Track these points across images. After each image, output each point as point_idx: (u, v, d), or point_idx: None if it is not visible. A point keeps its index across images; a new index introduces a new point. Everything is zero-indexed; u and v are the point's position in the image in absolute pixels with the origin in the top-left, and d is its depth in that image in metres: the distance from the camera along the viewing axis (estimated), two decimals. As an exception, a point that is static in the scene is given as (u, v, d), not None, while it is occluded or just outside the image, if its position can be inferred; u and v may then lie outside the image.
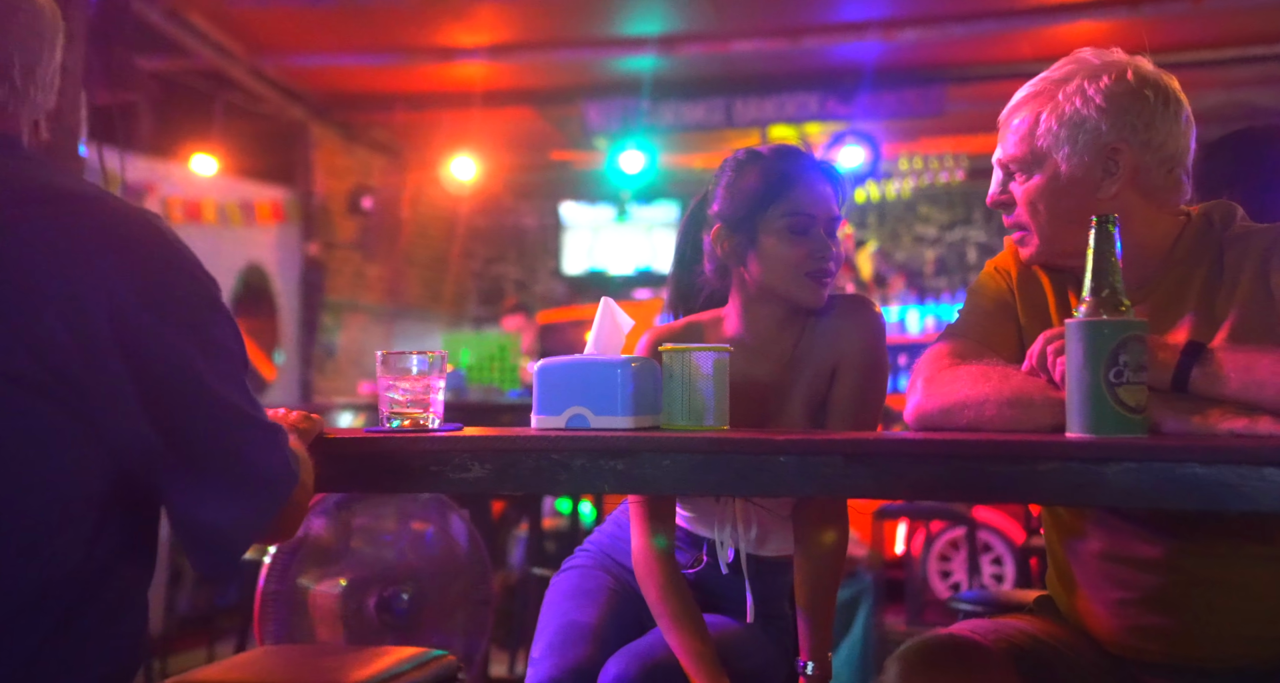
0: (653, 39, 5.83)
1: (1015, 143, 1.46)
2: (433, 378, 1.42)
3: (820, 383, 1.72)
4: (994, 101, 1.60)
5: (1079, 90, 1.42)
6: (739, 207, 1.71)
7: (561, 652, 1.65)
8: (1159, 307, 1.42)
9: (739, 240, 1.71)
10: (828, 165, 1.75)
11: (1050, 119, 1.43)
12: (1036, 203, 1.45)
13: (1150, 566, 1.38)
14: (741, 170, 1.73)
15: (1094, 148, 1.41)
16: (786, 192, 1.68)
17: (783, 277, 1.68)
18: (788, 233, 1.68)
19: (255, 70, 6.19)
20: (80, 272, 1.02)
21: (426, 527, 2.16)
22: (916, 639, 1.36)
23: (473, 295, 9.14)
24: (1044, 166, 1.44)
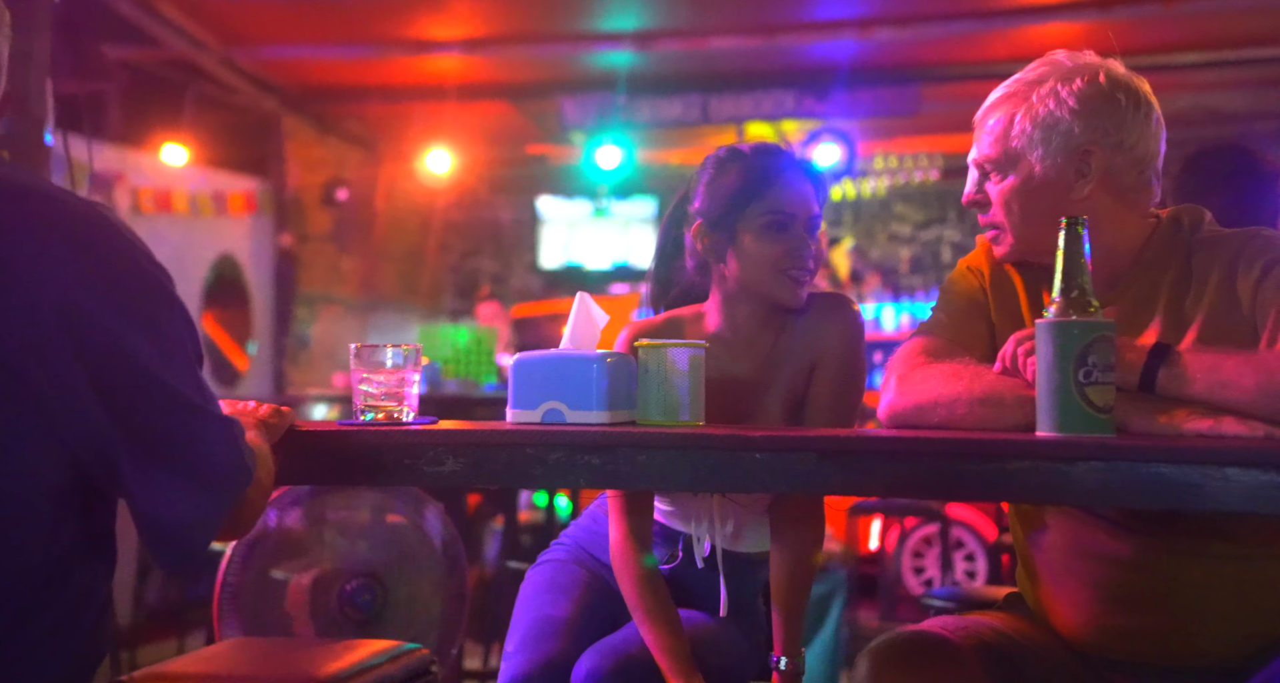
0: (629, 34, 5.83)
1: (990, 143, 1.48)
2: (407, 371, 1.42)
3: (798, 380, 1.73)
4: (969, 101, 1.62)
5: (1052, 92, 1.44)
6: (719, 204, 1.71)
7: (535, 647, 1.66)
8: (1128, 308, 1.44)
9: (719, 238, 1.71)
10: (808, 164, 1.76)
11: (1024, 120, 1.45)
12: (1011, 203, 1.47)
13: (1117, 563, 1.40)
14: (722, 168, 1.74)
15: (1067, 149, 1.43)
16: (766, 190, 1.69)
17: (761, 275, 1.69)
18: (766, 231, 1.68)
19: (228, 61, 6.14)
20: (26, 265, 1.01)
21: (400, 520, 2.16)
22: (887, 636, 1.37)
23: (449, 289, 9.11)
24: (1018, 167, 1.46)
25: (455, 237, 9.05)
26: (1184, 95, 6.11)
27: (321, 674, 1.70)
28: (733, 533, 1.77)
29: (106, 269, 1.05)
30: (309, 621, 2.05)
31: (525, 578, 1.84)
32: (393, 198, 8.09)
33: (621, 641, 1.67)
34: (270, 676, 1.70)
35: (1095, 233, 1.43)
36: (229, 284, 6.68)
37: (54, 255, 1.02)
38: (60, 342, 1.00)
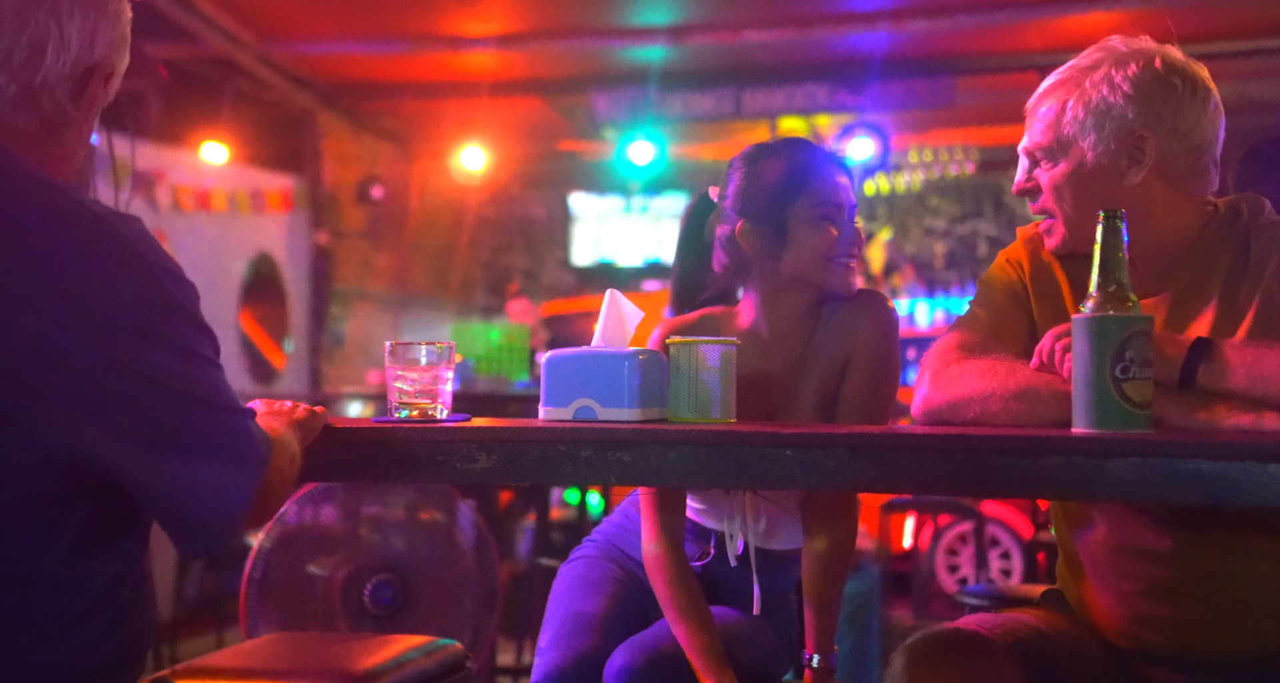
0: (662, 29, 5.82)
1: (1041, 130, 1.46)
2: (441, 368, 1.43)
3: (832, 377, 1.73)
4: (1004, 93, 1.61)
5: (1106, 78, 1.42)
6: (764, 200, 1.71)
7: (568, 642, 1.66)
8: (1181, 296, 1.42)
9: (767, 232, 1.71)
10: (838, 156, 1.78)
11: (1076, 106, 1.43)
12: (1062, 190, 1.45)
13: (1159, 558, 1.39)
14: (757, 165, 1.74)
15: (1120, 135, 1.41)
16: (811, 180, 1.71)
17: (815, 265, 1.70)
18: (819, 221, 1.70)
19: (263, 57, 6.19)
20: (36, 275, 1.02)
21: (433, 517, 2.18)
22: (922, 633, 1.37)
23: (480, 285, 9.15)
24: (1070, 154, 1.44)
25: (487, 233, 9.08)
26: (1226, 84, 6.01)
27: (358, 669, 1.72)
28: (766, 530, 1.77)
29: (113, 283, 1.05)
30: (334, 616, 2.07)
31: (558, 574, 1.85)
32: (426, 194, 8.13)
33: (654, 637, 1.67)
34: (309, 669, 1.72)
35: (1148, 220, 1.42)
36: (266, 281, 6.74)
37: (65, 268, 1.03)
38: (67, 352, 1.01)
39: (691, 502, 1.79)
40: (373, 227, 7.67)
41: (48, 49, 1.11)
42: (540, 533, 3.93)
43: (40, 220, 1.04)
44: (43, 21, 1.10)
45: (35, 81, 1.11)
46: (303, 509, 2.22)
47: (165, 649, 4.02)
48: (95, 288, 1.03)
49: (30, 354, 1.00)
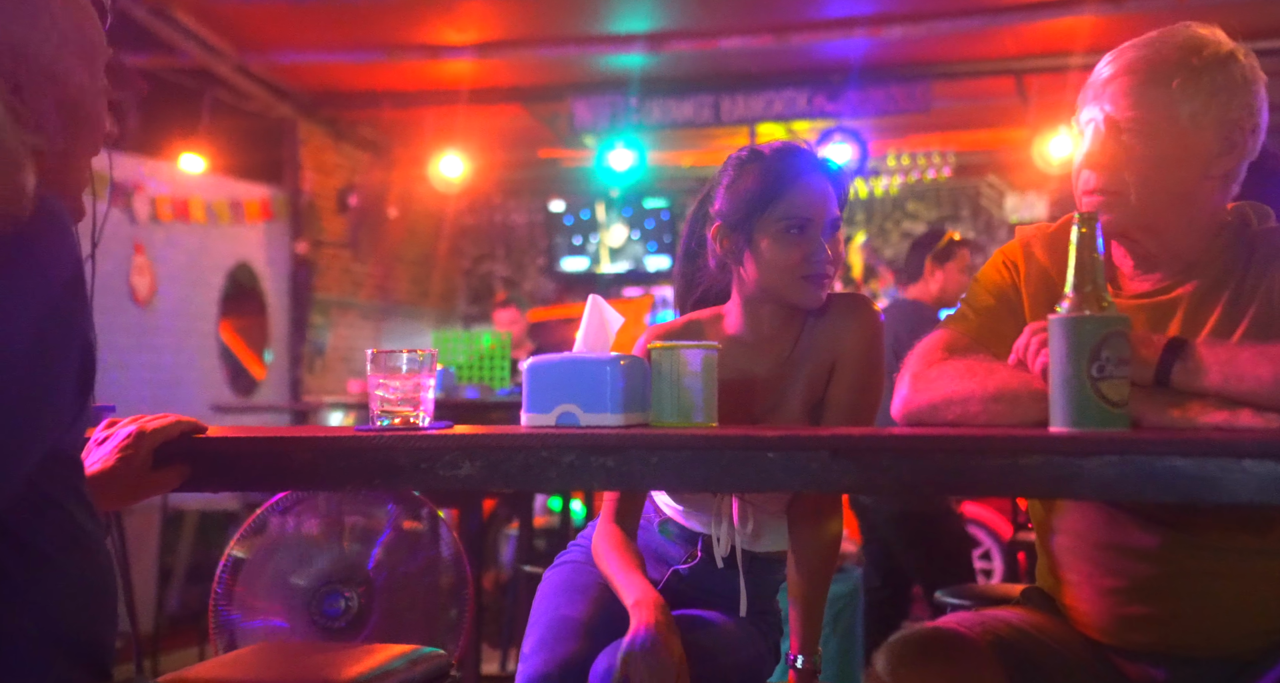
0: (640, 36, 5.83)
1: (1136, 104, 1.40)
2: (422, 376, 1.43)
3: (818, 380, 1.73)
4: (979, 98, 1.61)
5: (1219, 63, 1.39)
6: (738, 207, 1.72)
7: (552, 647, 1.66)
8: (1199, 295, 1.43)
9: (737, 240, 1.72)
10: (827, 164, 1.75)
11: (1188, 86, 1.38)
12: (1147, 171, 1.40)
13: (1140, 555, 1.40)
14: (742, 170, 1.75)
15: (1220, 122, 1.39)
16: (784, 193, 1.69)
17: (779, 278, 1.70)
18: (784, 235, 1.68)
19: (242, 67, 6.17)
20: None
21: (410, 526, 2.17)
22: (903, 633, 1.38)
23: (462, 293, 9.13)
24: (1165, 134, 1.39)
25: (468, 241, 9.07)
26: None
27: (342, 678, 1.72)
28: (752, 533, 1.78)
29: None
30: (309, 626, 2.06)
31: (543, 579, 1.85)
32: (406, 203, 8.11)
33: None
34: (292, 680, 1.71)
35: (1198, 216, 1.42)
36: (246, 292, 6.70)
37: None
38: None
39: (677, 504, 1.80)
40: (353, 236, 7.65)
41: (85, 103, 1.17)
42: (524, 540, 3.92)
43: None
44: (61, 42, 1.15)
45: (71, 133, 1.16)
46: (284, 520, 2.21)
47: (148, 663, 3.99)
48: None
49: None
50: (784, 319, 1.75)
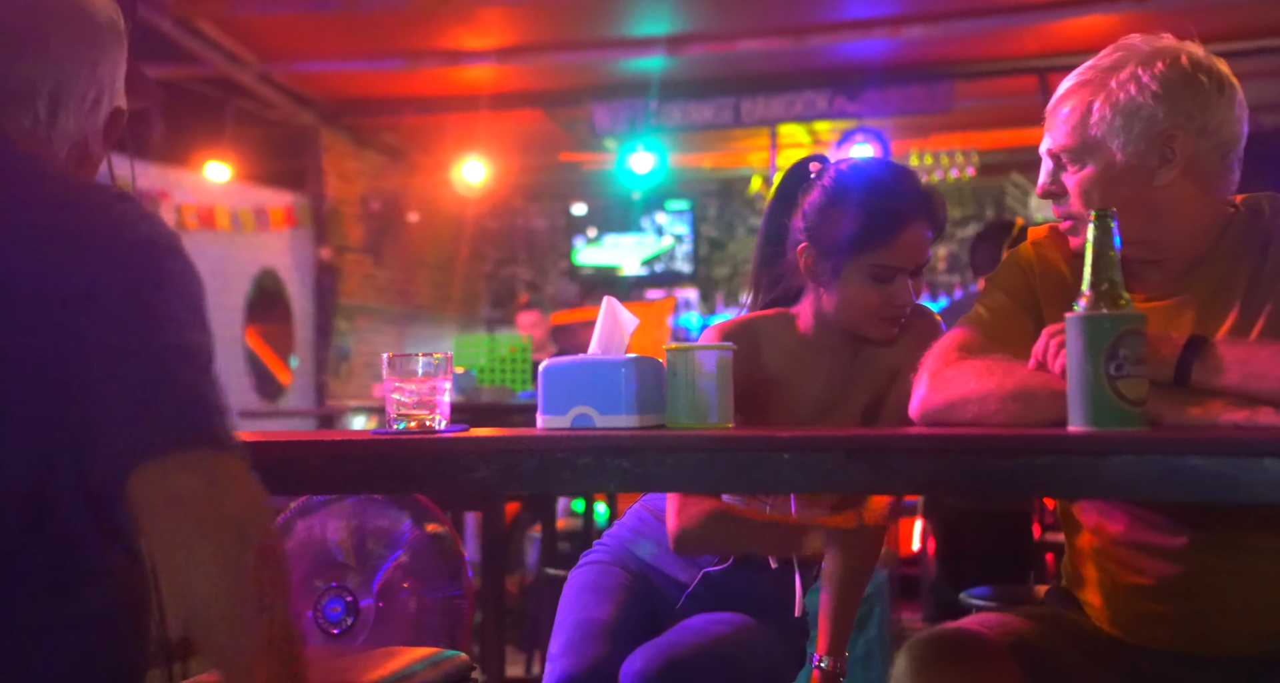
0: (660, 39, 5.84)
1: (1066, 132, 1.44)
2: (438, 379, 1.43)
3: (879, 386, 1.76)
4: (1002, 97, 1.60)
5: (1133, 77, 1.40)
6: (829, 238, 1.68)
7: (580, 649, 1.66)
8: (1206, 296, 1.42)
9: (823, 268, 1.70)
10: (932, 208, 1.69)
11: (1104, 107, 1.41)
12: (1090, 192, 1.43)
13: (1165, 554, 1.39)
14: (840, 191, 1.69)
15: (1149, 135, 1.39)
16: (881, 242, 1.66)
17: (856, 315, 1.69)
18: (872, 280, 1.67)
19: (265, 77, 6.22)
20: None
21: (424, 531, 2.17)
22: (924, 633, 1.37)
23: (484, 297, 9.16)
24: (1097, 156, 1.42)
25: (490, 245, 9.10)
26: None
27: (364, 681, 1.72)
28: None
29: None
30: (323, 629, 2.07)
31: (568, 579, 1.85)
32: (428, 208, 8.15)
33: (668, 643, 1.67)
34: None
35: (1176, 220, 1.42)
36: (271, 298, 6.75)
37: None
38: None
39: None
40: (375, 242, 7.69)
41: (104, 98, 1.18)
42: (547, 544, 3.93)
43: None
44: (103, 72, 1.17)
45: (90, 128, 1.18)
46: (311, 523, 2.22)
47: (177, 667, 4.02)
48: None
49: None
50: (850, 344, 1.76)
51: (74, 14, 1.15)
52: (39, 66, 1.12)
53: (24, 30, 1.11)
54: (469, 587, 2.15)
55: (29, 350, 1.02)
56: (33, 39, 1.12)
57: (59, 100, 1.13)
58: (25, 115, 1.12)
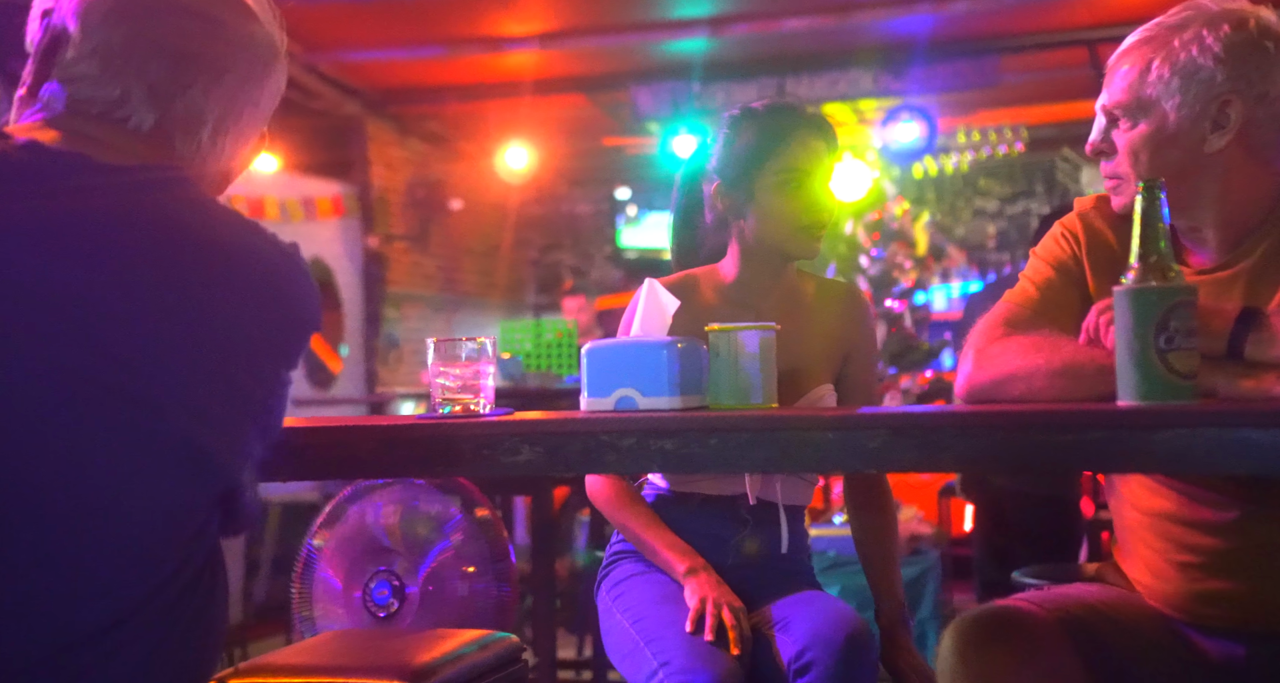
0: (702, 20, 5.80)
1: (1122, 89, 1.42)
2: (482, 364, 1.44)
3: (833, 359, 1.85)
4: (1051, 70, 1.59)
5: (1196, 37, 1.37)
6: (735, 164, 1.79)
7: (709, 661, 1.60)
8: (1259, 267, 1.39)
9: (736, 196, 1.79)
10: (819, 118, 1.83)
11: (1162, 66, 1.38)
12: (1139, 152, 1.41)
13: (1218, 529, 1.37)
14: (736, 128, 1.81)
15: (1205, 99, 1.37)
16: (779, 148, 1.76)
17: (777, 230, 1.78)
18: (782, 188, 1.76)
19: (311, 67, 6.28)
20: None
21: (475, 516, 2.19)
22: (971, 611, 1.36)
23: (530, 283, 9.19)
24: (1150, 115, 1.40)
25: (535, 231, 9.13)
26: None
27: (416, 663, 1.75)
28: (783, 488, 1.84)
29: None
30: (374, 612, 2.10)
31: (628, 585, 1.82)
32: (473, 195, 8.19)
33: (808, 623, 1.66)
34: (366, 665, 1.75)
35: (1227, 189, 1.39)
36: (321, 288, 6.81)
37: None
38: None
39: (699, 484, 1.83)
40: (421, 230, 7.75)
41: (258, 126, 1.22)
42: (595, 527, 3.95)
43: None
44: (262, 103, 1.20)
45: (242, 155, 1.22)
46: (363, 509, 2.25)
47: (236, 652, 4.10)
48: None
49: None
50: (778, 272, 1.83)
51: (250, 45, 1.16)
52: (210, 97, 1.13)
53: (199, 57, 1.12)
54: (513, 572, 2.17)
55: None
56: (208, 69, 1.13)
57: (221, 129, 1.15)
58: (192, 140, 1.14)
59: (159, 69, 1.10)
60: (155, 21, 1.11)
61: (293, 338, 1.14)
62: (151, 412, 1.01)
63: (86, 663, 0.98)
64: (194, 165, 1.15)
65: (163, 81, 1.10)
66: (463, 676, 1.79)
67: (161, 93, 1.11)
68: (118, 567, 1.01)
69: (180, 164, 1.12)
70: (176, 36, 1.11)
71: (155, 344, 1.01)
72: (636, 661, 1.66)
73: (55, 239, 1.00)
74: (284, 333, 1.13)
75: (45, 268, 0.99)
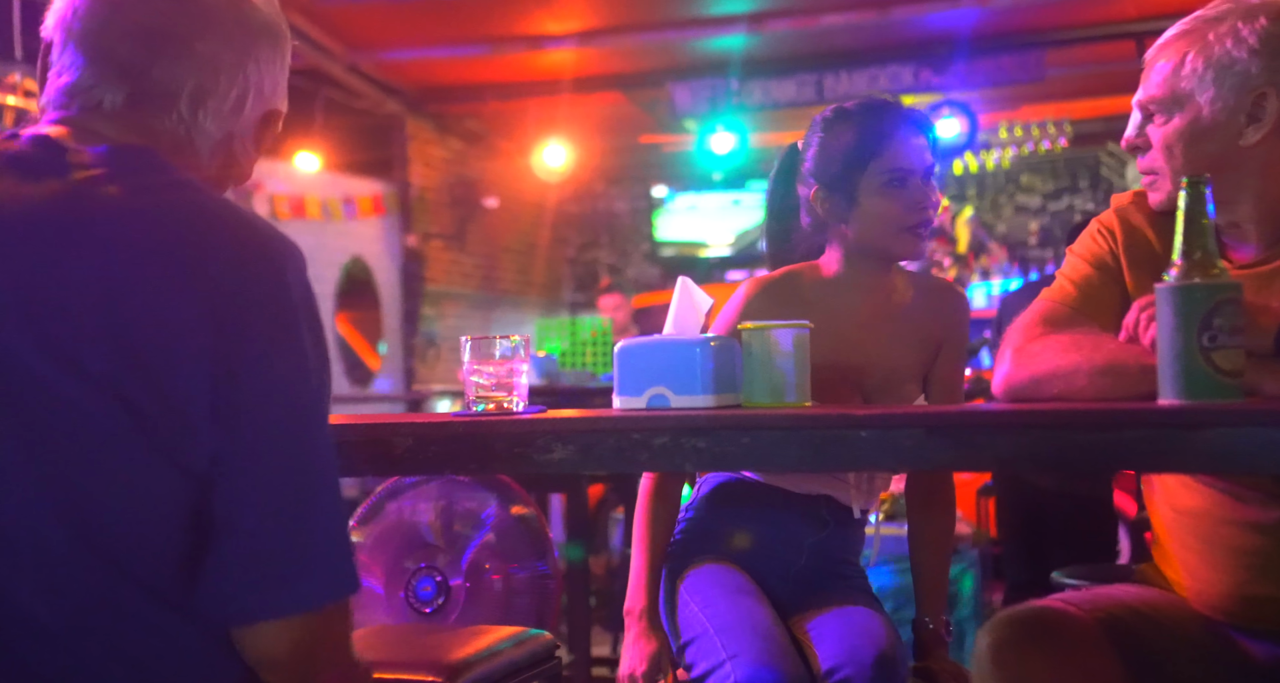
0: (741, 17, 5.78)
1: (1158, 83, 1.41)
2: (515, 362, 1.44)
3: (927, 353, 1.81)
4: (1096, 65, 1.57)
5: (1232, 30, 1.36)
6: (835, 167, 1.75)
7: (782, 660, 1.59)
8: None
9: (838, 200, 1.75)
10: (919, 115, 1.78)
11: (1197, 59, 1.37)
12: (1173, 147, 1.40)
13: (1261, 530, 1.34)
14: (833, 130, 1.77)
15: (1240, 92, 1.35)
16: (881, 149, 1.73)
17: (883, 232, 1.74)
18: (886, 189, 1.72)
19: (352, 67, 6.33)
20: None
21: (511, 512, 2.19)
22: (1007, 611, 1.34)
23: (567, 281, 9.21)
24: (1185, 109, 1.39)
25: (572, 229, 9.14)
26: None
27: (452, 659, 1.76)
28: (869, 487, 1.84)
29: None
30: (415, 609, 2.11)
31: (702, 571, 1.79)
32: (510, 194, 8.22)
33: (852, 641, 1.65)
34: (402, 660, 1.76)
35: (1267, 183, 1.37)
36: (360, 285, 6.88)
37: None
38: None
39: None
40: (459, 228, 7.79)
41: (249, 98, 1.17)
42: (629, 525, 3.95)
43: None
44: (250, 73, 1.17)
45: (235, 128, 1.18)
46: (401, 505, 2.26)
47: None
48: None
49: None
50: (881, 270, 1.80)
51: (219, 15, 1.15)
52: (180, 66, 1.12)
53: (167, 30, 1.12)
54: (556, 567, 2.17)
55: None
56: (175, 39, 1.12)
57: (199, 100, 1.14)
58: (168, 114, 1.13)
59: (126, 47, 1.11)
60: (125, 5, 1.12)
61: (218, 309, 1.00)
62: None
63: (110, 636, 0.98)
64: (176, 143, 1.13)
65: (131, 57, 1.11)
66: (498, 672, 1.80)
67: (131, 69, 1.11)
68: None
69: (159, 143, 1.11)
70: (144, 14, 1.12)
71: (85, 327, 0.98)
72: (704, 647, 1.64)
73: (10, 227, 1.01)
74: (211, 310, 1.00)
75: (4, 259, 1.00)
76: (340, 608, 1.03)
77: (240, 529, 0.98)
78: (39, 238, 1.00)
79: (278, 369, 1.01)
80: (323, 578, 1.01)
